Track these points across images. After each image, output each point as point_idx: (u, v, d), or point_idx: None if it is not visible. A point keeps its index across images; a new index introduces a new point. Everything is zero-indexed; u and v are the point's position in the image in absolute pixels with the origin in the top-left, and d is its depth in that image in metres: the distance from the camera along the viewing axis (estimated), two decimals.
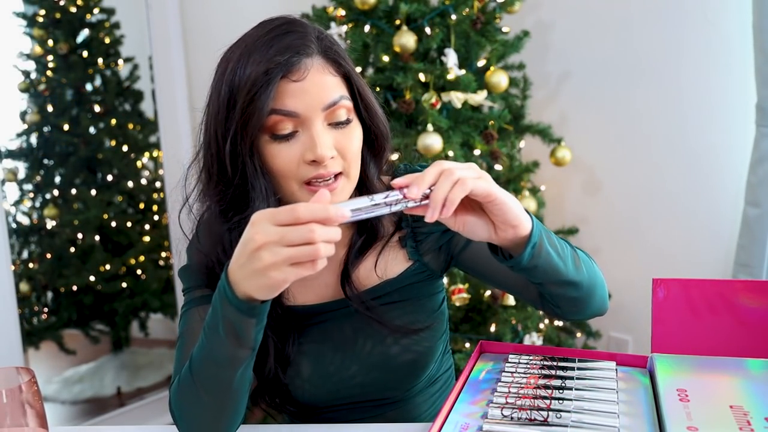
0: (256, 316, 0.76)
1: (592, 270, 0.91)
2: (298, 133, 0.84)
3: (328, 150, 0.84)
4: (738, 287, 0.87)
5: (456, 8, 1.85)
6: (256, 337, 0.78)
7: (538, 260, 0.81)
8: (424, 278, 0.97)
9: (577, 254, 0.89)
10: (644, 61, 2.13)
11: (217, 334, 0.77)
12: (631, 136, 2.19)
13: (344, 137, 0.86)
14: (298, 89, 0.83)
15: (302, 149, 0.84)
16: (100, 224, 2.79)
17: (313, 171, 0.84)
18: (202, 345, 0.80)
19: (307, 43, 0.85)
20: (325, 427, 0.93)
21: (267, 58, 0.83)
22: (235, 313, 0.75)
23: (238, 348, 0.78)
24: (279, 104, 0.83)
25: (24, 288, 2.76)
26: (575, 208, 2.32)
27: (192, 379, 0.82)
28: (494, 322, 1.87)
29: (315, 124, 0.84)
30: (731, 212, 2.04)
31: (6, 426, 0.68)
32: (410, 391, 0.99)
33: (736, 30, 1.96)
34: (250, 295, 0.73)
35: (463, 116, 1.89)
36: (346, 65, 0.88)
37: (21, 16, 2.82)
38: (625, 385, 0.84)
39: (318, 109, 0.84)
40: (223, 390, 0.81)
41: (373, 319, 0.93)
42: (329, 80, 0.85)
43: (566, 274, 0.85)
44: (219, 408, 0.83)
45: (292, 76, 0.83)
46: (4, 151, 2.77)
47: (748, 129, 1.95)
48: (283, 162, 0.85)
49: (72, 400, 2.73)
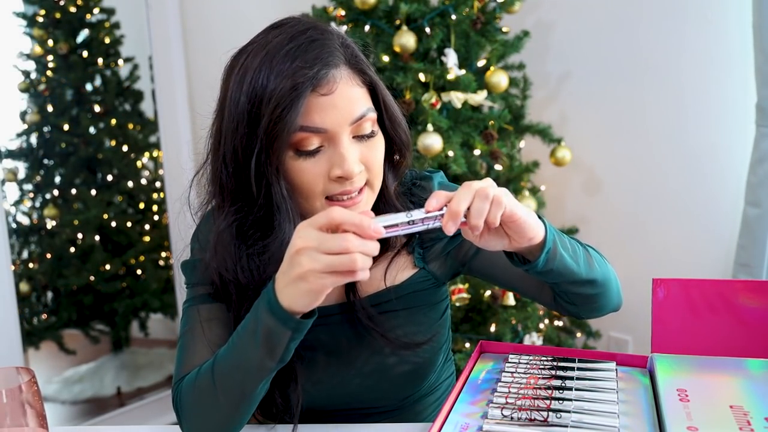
0: (296, 330, 0.75)
1: (604, 266, 0.91)
2: (323, 148, 0.81)
3: (357, 165, 0.81)
4: (738, 287, 0.87)
5: (456, 8, 1.85)
6: (289, 350, 0.77)
7: (553, 264, 0.82)
8: (428, 286, 0.95)
9: (588, 252, 0.89)
10: (644, 61, 2.13)
11: (253, 341, 0.76)
12: (631, 136, 2.19)
13: (370, 150, 0.84)
14: (327, 104, 0.79)
15: (328, 165, 0.81)
16: (100, 224, 2.79)
17: (339, 187, 0.82)
18: (233, 349, 0.80)
19: (334, 53, 0.81)
20: (323, 428, 0.93)
21: (293, 70, 0.78)
22: (275, 323, 0.74)
23: (269, 359, 0.77)
24: (308, 120, 0.79)
25: (24, 288, 2.76)
26: (575, 208, 2.31)
27: (213, 380, 0.81)
28: (494, 322, 1.87)
29: (342, 139, 0.81)
30: (731, 212, 2.04)
31: (6, 426, 0.68)
32: (407, 400, 0.97)
33: (736, 30, 1.96)
34: (292, 304, 0.73)
35: (463, 116, 1.89)
36: (372, 75, 0.86)
37: (21, 16, 2.82)
38: (625, 385, 0.84)
39: (346, 124, 0.81)
40: (242, 396, 0.81)
41: (376, 331, 0.90)
42: (356, 92, 0.82)
43: (580, 274, 0.85)
44: (232, 412, 0.82)
45: (321, 90, 0.79)
46: (4, 151, 2.77)
47: (748, 129, 1.95)
48: (308, 179, 0.82)
49: (72, 400, 2.73)
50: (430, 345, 0.94)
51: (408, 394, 0.96)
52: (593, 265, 0.88)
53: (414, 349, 0.92)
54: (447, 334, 1.00)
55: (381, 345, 0.92)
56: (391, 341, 0.91)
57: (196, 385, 0.83)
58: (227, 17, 2.61)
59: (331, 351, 0.93)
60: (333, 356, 0.93)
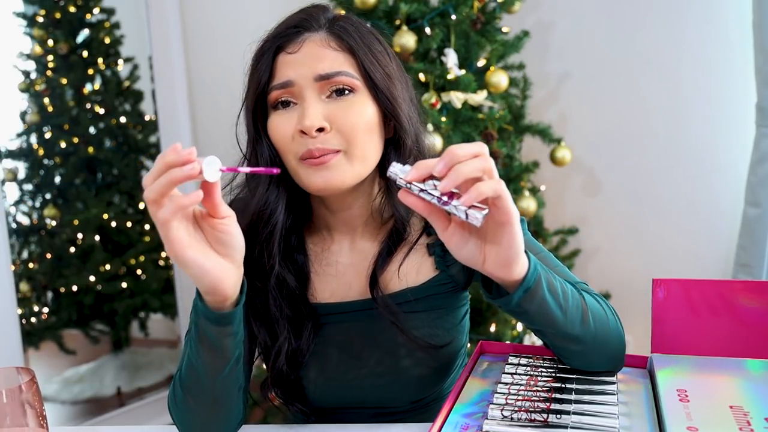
0: (227, 324, 0.74)
1: (605, 325, 0.81)
2: (296, 105, 0.83)
3: (316, 120, 0.80)
4: (738, 287, 0.87)
5: (456, 8, 1.85)
6: (231, 346, 0.77)
7: (530, 305, 0.74)
8: (448, 289, 0.93)
9: (587, 306, 0.79)
10: (644, 61, 2.13)
11: (193, 342, 0.77)
12: (631, 136, 2.19)
13: (340, 110, 0.82)
14: (292, 60, 0.83)
15: (295, 121, 0.82)
16: (100, 224, 2.78)
17: (303, 144, 0.81)
18: (184, 351, 0.81)
19: (313, 19, 0.85)
20: (323, 428, 0.93)
21: (273, 36, 0.85)
22: (206, 323, 0.74)
23: (214, 357, 0.77)
24: (276, 78, 0.83)
25: (24, 288, 2.76)
26: (575, 208, 2.31)
27: (180, 385, 0.82)
28: (494, 322, 1.87)
29: (308, 93, 0.82)
30: (731, 212, 2.04)
31: (6, 426, 0.67)
32: (419, 403, 0.96)
33: (736, 30, 1.96)
34: (194, 277, 0.71)
35: (463, 116, 1.89)
36: (352, 41, 0.84)
37: (21, 16, 2.82)
38: (624, 386, 0.84)
39: (310, 79, 0.82)
40: (206, 396, 0.81)
41: (398, 327, 0.88)
42: (327, 53, 0.83)
43: (564, 326, 0.77)
44: (206, 413, 0.82)
45: (288, 49, 0.83)
46: (4, 151, 2.77)
47: (748, 129, 1.95)
48: (278, 133, 0.84)
49: (72, 400, 2.73)
50: (447, 349, 0.92)
51: (420, 397, 0.95)
52: (587, 321, 0.79)
53: (433, 351, 0.91)
54: (464, 340, 0.97)
55: (396, 346, 0.91)
56: (413, 340, 0.89)
57: (173, 392, 0.84)
58: (227, 17, 2.61)
59: (346, 348, 0.92)
60: (346, 353, 0.92)
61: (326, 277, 0.94)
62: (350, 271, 0.93)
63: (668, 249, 2.17)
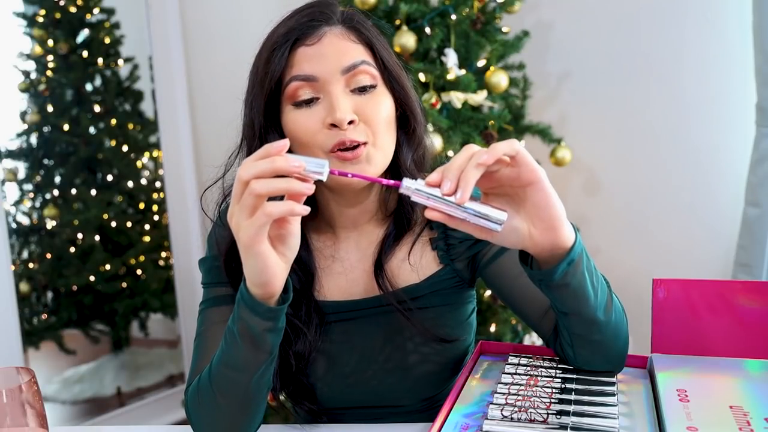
0: (272, 319, 0.75)
1: (621, 319, 0.83)
2: (319, 100, 0.83)
3: (348, 113, 0.81)
4: (738, 287, 0.87)
5: (456, 8, 1.85)
6: (273, 341, 0.77)
7: (572, 279, 0.74)
8: (453, 284, 0.93)
9: (611, 296, 0.81)
10: (644, 61, 2.13)
11: (236, 337, 0.77)
12: (631, 136, 2.19)
13: (367, 103, 0.83)
14: (314, 53, 0.82)
15: (323, 114, 0.82)
16: (100, 224, 2.78)
17: (334, 137, 0.81)
18: (221, 348, 0.80)
19: (328, 11, 0.85)
20: (324, 428, 0.93)
21: (287, 28, 0.83)
22: (250, 316, 0.74)
23: (254, 352, 0.77)
24: (298, 70, 0.82)
25: (24, 288, 2.75)
26: (575, 208, 2.31)
27: (210, 383, 0.81)
28: (494, 322, 1.87)
29: (334, 87, 0.82)
30: (731, 212, 2.04)
31: (6, 426, 0.68)
32: (427, 402, 0.96)
33: (736, 30, 1.96)
34: (251, 275, 0.72)
35: (463, 116, 1.89)
36: (369, 34, 0.86)
37: (21, 16, 2.81)
38: (625, 386, 0.84)
39: (336, 72, 0.82)
40: (239, 395, 0.80)
41: (409, 319, 0.89)
42: (348, 45, 0.84)
43: (595, 309, 0.78)
44: (235, 413, 0.82)
45: (307, 41, 0.83)
46: (4, 151, 2.77)
47: (748, 129, 1.95)
48: (303, 128, 0.83)
49: (72, 400, 2.73)
50: (454, 345, 0.93)
51: (428, 395, 0.95)
52: (611, 309, 0.80)
53: (441, 346, 0.91)
54: (471, 338, 0.98)
55: (403, 341, 0.91)
56: (422, 332, 0.90)
57: (198, 391, 0.83)
58: (227, 17, 2.60)
59: (354, 345, 0.93)
60: (355, 351, 0.93)
61: (332, 274, 0.94)
62: (357, 268, 0.93)
63: (668, 249, 2.17)
